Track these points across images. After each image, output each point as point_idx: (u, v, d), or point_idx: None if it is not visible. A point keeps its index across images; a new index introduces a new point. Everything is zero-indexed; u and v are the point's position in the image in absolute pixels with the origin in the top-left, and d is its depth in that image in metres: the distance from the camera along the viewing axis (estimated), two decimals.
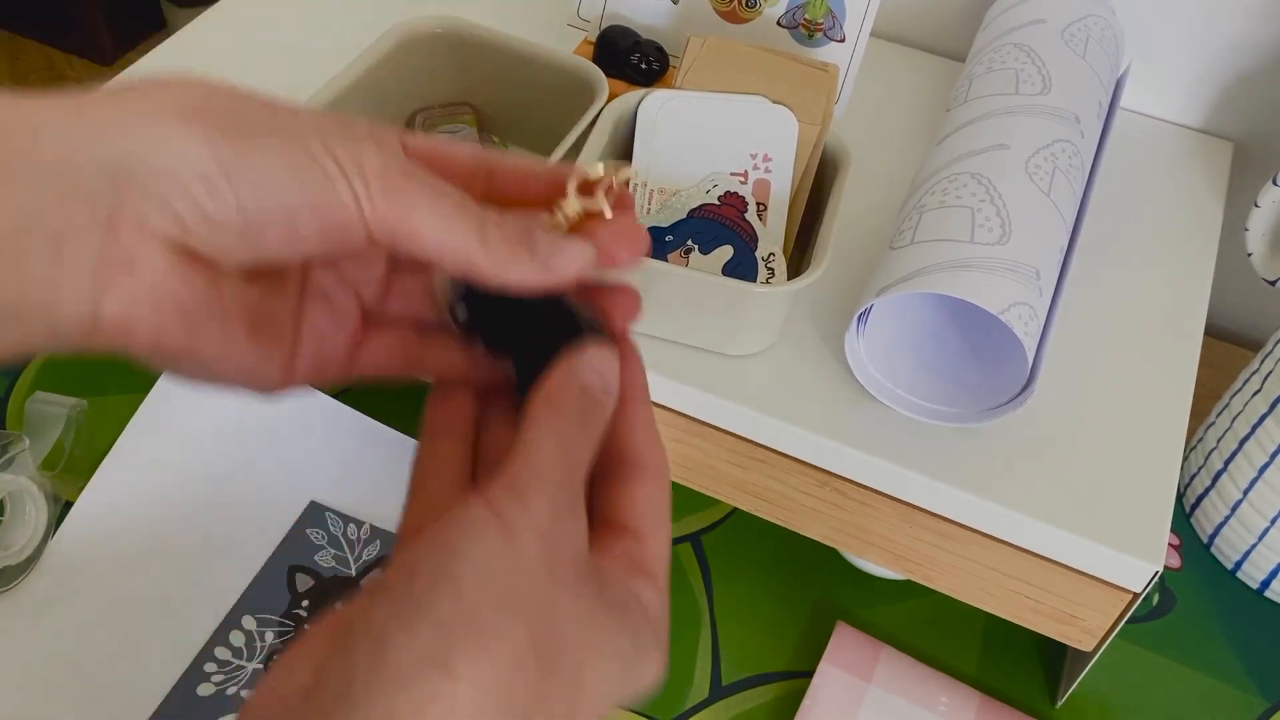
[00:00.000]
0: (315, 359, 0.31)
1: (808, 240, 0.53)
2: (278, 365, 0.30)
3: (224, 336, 0.28)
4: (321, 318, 0.31)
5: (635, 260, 0.31)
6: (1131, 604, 0.47)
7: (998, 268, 0.46)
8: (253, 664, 0.53)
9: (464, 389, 0.32)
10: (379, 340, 0.32)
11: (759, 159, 0.52)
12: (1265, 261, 0.60)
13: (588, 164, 0.31)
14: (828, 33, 0.59)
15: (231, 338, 0.29)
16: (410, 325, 0.32)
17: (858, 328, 0.49)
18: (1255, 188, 0.62)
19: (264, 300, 0.30)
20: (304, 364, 0.31)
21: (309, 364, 0.31)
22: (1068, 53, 0.56)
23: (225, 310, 0.28)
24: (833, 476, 0.50)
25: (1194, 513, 0.63)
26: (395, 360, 0.32)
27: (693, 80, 0.53)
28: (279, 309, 0.30)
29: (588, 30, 0.62)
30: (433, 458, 0.30)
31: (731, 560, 0.60)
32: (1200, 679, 0.57)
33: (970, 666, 0.57)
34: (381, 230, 0.28)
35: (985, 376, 0.50)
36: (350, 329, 0.32)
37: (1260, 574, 0.60)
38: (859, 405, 0.50)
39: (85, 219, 0.25)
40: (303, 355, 0.31)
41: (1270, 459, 0.57)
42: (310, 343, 0.31)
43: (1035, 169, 0.50)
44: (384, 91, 0.55)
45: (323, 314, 0.31)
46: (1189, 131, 0.68)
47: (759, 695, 0.55)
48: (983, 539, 0.48)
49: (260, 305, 0.29)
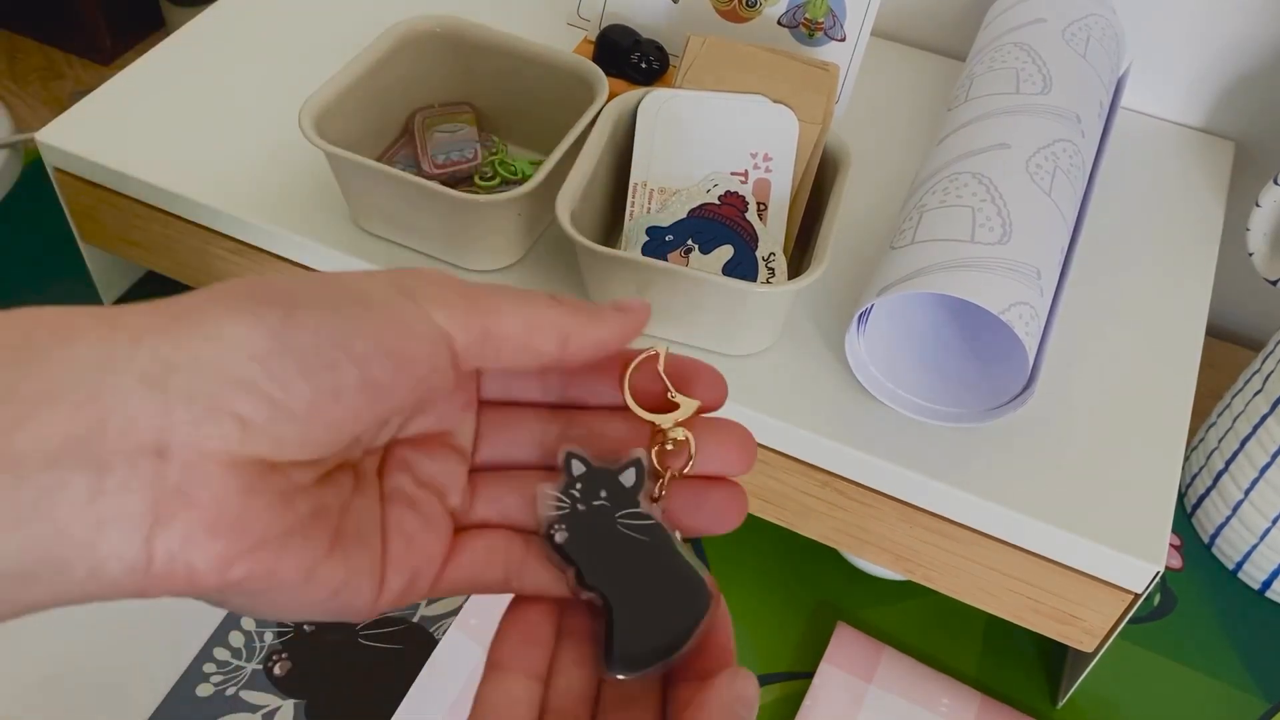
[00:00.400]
0: (407, 568, 0.27)
1: (808, 240, 0.53)
2: (369, 580, 0.26)
3: (305, 557, 0.25)
4: (408, 519, 0.28)
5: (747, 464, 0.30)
6: (1132, 604, 0.47)
7: (998, 267, 0.46)
8: (252, 665, 0.53)
9: (547, 620, 0.30)
10: (475, 547, 0.29)
11: (759, 158, 0.52)
12: (1266, 261, 0.60)
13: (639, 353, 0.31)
14: (828, 32, 0.59)
15: (313, 556, 0.25)
16: (508, 534, 0.30)
17: (858, 327, 0.49)
18: (1256, 187, 0.62)
19: (343, 504, 0.26)
20: (396, 576, 0.27)
21: (402, 575, 0.27)
22: (1068, 52, 0.56)
23: (303, 524, 0.25)
24: (833, 476, 0.50)
25: (1195, 513, 0.63)
26: (494, 571, 0.29)
27: (693, 79, 0.53)
28: (361, 512, 0.27)
29: (588, 29, 0.62)
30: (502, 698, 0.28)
31: (731, 560, 0.60)
32: (1201, 680, 0.57)
33: (971, 667, 0.57)
34: (472, 341, 0.26)
35: (986, 376, 0.50)
36: (442, 533, 0.29)
37: (1261, 574, 0.60)
38: (859, 405, 0.50)
39: (129, 443, 0.22)
40: (393, 564, 0.27)
41: (1271, 459, 0.57)
42: (400, 547, 0.27)
43: (1036, 168, 0.50)
44: (383, 91, 0.55)
45: (409, 515, 0.28)
46: (1190, 131, 0.67)
47: (760, 696, 0.55)
48: (983, 539, 0.48)
49: (340, 510, 0.26)
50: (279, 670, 0.53)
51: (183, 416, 0.23)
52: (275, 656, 0.54)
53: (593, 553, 0.29)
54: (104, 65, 0.86)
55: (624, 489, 0.29)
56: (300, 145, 0.54)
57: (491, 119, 0.59)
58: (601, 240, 0.53)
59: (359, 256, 0.53)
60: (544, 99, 0.57)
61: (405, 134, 0.58)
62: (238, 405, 0.23)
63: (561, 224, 0.47)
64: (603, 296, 0.50)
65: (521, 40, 0.56)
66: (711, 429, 0.31)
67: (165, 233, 0.58)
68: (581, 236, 0.47)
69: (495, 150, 0.58)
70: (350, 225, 0.55)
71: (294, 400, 0.24)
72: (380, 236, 0.54)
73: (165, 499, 0.22)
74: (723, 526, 0.30)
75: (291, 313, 0.24)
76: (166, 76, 0.62)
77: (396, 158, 0.57)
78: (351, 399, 0.25)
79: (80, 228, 0.62)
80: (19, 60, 0.86)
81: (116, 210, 0.59)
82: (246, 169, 0.57)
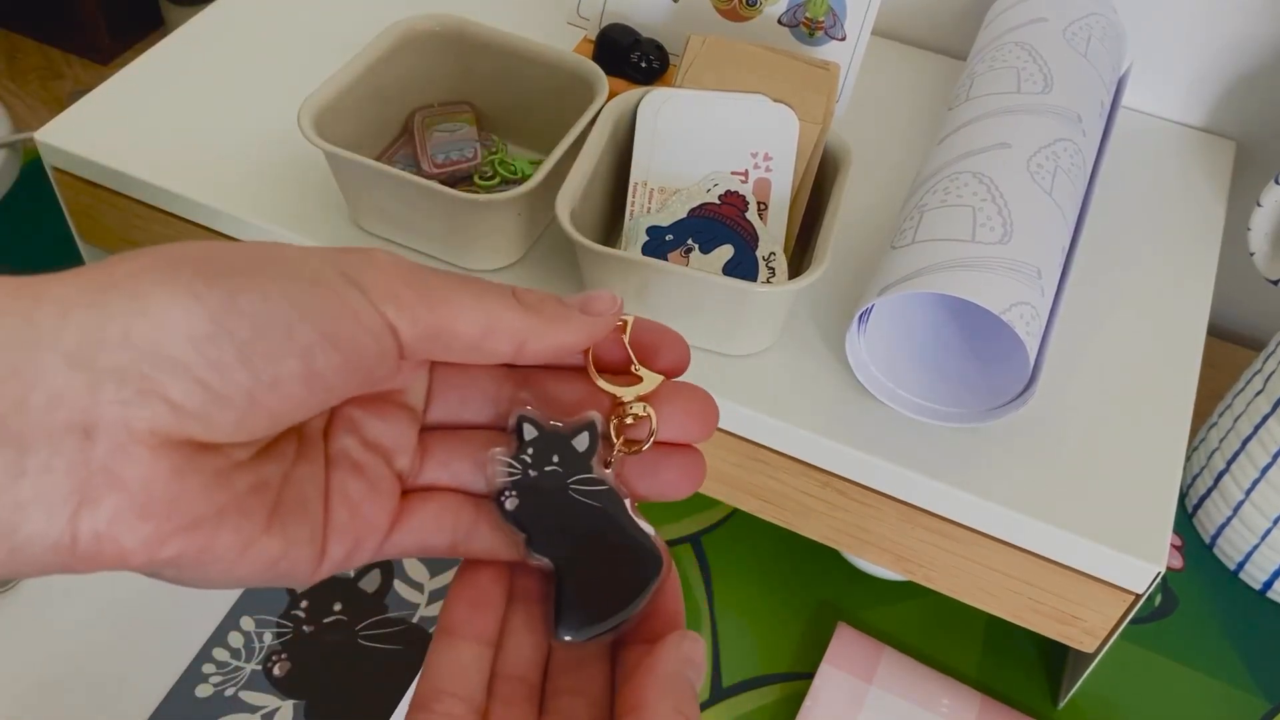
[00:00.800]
0: (350, 536, 0.27)
1: (808, 239, 0.53)
2: (309, 550, 0.26)
3: (241, 533, 0.24)
4: (353, 485, 0.27)
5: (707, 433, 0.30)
6: (1133, 605, 0.47)
7: (999, 267, 0.46)
8: (251, 665, 0.53)
9: (498, 583, 0.29)
10: (423, 511, 0.28)
11: (759, 158, 0.52)
12: (1268, 261, 0.60)
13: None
14: (828, 31, 0.59)
15: (250, 532, 0.24)
16: (457, 497, 0.29)
17: (859, 327, 0.49)
18: (1258, 187, 0.62)
19: (284, 477, 0.26)
20: (338, 544, 0.27)
21: (344, 543, 0.27)
22: (1069, 51, 0.56)
23: (238, 503, 0.24)
24: (833, 477, 0.49)
25: (1196, 513, 0.63)
26: (442, 537, 0.29)
27: (693, 79, 0.53)
28: (304, 480, 0.26)
29: (587, 29, 0.61)
30: (450, 665, 0.27)
31: (732, 561, 0.60)
32: (1202, 680, 0.57)
33: (971, 667, 0.57)
34: (420, 337, 0.25)
35: (987, 376, 0.50)
36: (387, 499, 0.28)
37: (1263, 575, 0.60)
38: (860, 405, 0.49)
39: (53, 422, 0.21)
40: (335, 532, 0.27)
41: (1273, 459, 0.57)
42: (343, 515, 0.27)
43: (1037, 168, 0.50)
44: (383, 90, 0.55)
45: (353, 481, 0.27)
46: (1191, 130, 0.67)
47: (760, 697, 0.55)
48: (984, 539, 0.48)
49: (280, 484, 0.25)
50: (278, 671, 0.53)
51: (111, 396, 0.22)
52: (274, 657, 0.54)
53: (543, 519, 0.28)
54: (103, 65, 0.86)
55: (577, 454, 0.29)
56: (300, 145, 0.54)
57: (491, 118, 0.59)
58: (601, 240, 0.53)
59: None
60: (544, 98, 0.57)
61: (405, 133, 0.58)
62: (170, 389, 0.22)
63: (561, 223, 0.47)
64: None
65: (521, 40, 0.56)
66: (673, 394, 0.30)
67: (165, 232, 0.58)
68: (581, 236, 0.47)
69: (495, 150, 0.58)
70: (350, 225, 0.55)
71: (230, 389, 0.23)
72: (380, 236, 0.54)
73: (92, 480, 0.22)
74: (678, 493, 0.30)
75: (234, 295, 0.23)
76: (166, 76, 0.62)
77: (396, 157, 0.57)
78: (291, 389, 0.24)
79: (80, 227, 0.62)
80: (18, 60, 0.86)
81: (116, 210, 0.59)
82: (246, 169, 0.57)
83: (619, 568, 0.28)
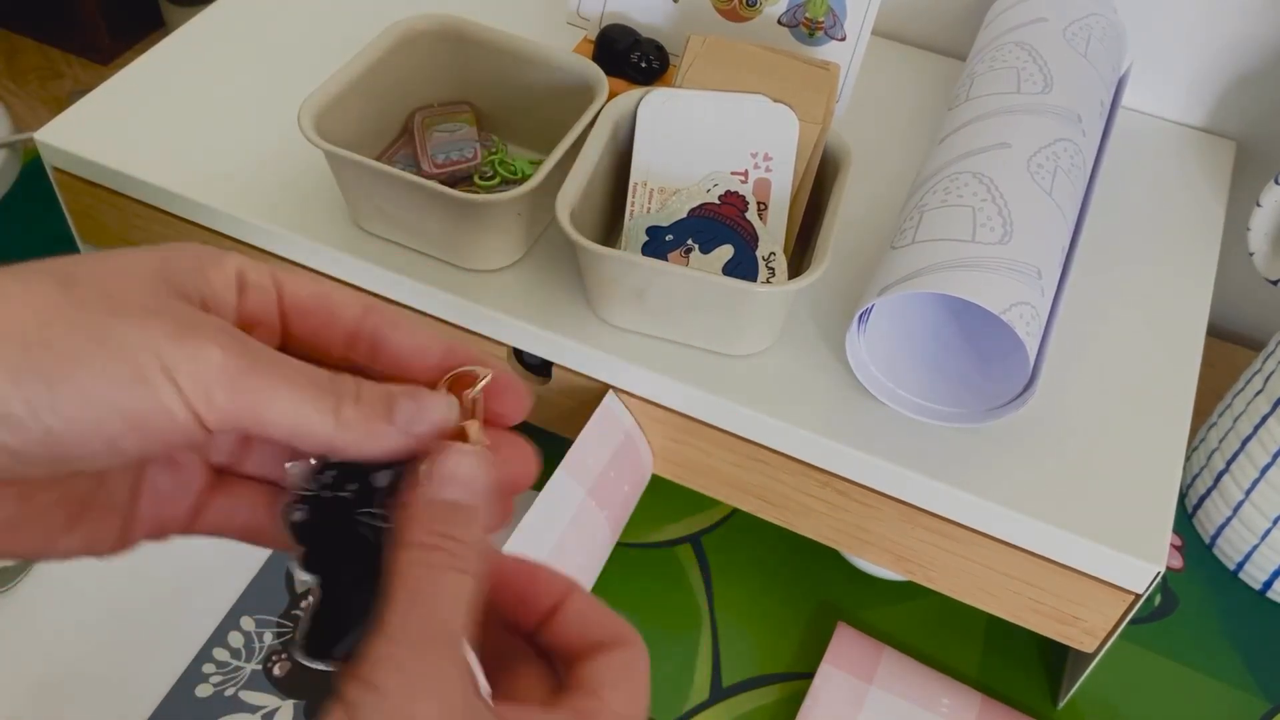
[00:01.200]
0: (153, 523, 0.29)
1: (808, 240, 0.53)
2: (110, 539, 0.28)
3: (39, 535, 0.27)
4: (162, 480, 0.29)
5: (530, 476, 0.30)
6: (1133, 605, 0.47)
7: (999, 267, 0.46)
8: (251, 665, 0.53)
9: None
10: (224, 502, 0.30)
11: (759, 158, 0.52)
12: (1267, 261, 0.60)
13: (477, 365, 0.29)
14: (828, 31, 0.59)
15: (48, 534, 0.27)
16: (269, 490, 0.31)
17: (858, 327, 0.49)
18: (1257, 187, 0.62)
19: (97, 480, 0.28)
20: (141, 528, 0.29)
21: (146, 528, 0.29)
22: (1069, 51, 0.56)
23: (41, 512, 0.26)
24: (833, 477, 0.49)
25: (1196, 513, 0.63)
26: (235, 525, 0.31)
27: (693, 79, 0.53)
28: (116, 479, 0.28)
29: (587, 29, 0.61)
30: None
31: (732, 561, 0.60)
32: (1202, 680, 0.57)
33: (971, 667, 0.57)
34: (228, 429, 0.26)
35: (987, 376, 0.50)
36: (193, 491, 0.30)
37: (1262, 575, 0.60)
38: (859, 405, 0.49)
39: None
40: (140, 523, 0.29)
41: (1273, 459, 0.57)
42: (149, 507, 0.29)
43: (1037, 168, 0.50)
44: (382, 90, 0.55)
45: (164, 476, 0.29)
46: (1191, 130, 0.67)
47: (760, 696, 0.55)
48: (984, 539, 0.48)
49: (90, 489, 0.28)
50: (278, 671, 0.53)
51: None
52: (275, 657, 0.54)
53: (322, 541, 0.28)
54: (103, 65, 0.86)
55: (373, 489, 0.28)
56: (300, 145, 0.54)
57: (491, 119, 0.59)
58: (601, 240, 0.53)
59: (359, 256, 0.53)
60: (544, 99, 0.57)
61: (405, 133, 0.58)
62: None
63: (561, 224, 0.47)
64: (602, 296, 0.50)
65: (521, 40, 0.56)
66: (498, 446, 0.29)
67: (165, 233, 0.58)
68: (581, 236, 0.47)
69: (495, 150, 0.58)
70: (350, 225, 0.55)
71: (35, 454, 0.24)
72: (380, 236, 0.54)
73: None
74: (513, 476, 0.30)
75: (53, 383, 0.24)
76: (166, 76, 0.62)
77: (396, 157, 0.57)
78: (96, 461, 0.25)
79: (79, 228, 0.62)
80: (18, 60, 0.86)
81: (116, 210, 0.59)
82: (246, 169, 0.57)
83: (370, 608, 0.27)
